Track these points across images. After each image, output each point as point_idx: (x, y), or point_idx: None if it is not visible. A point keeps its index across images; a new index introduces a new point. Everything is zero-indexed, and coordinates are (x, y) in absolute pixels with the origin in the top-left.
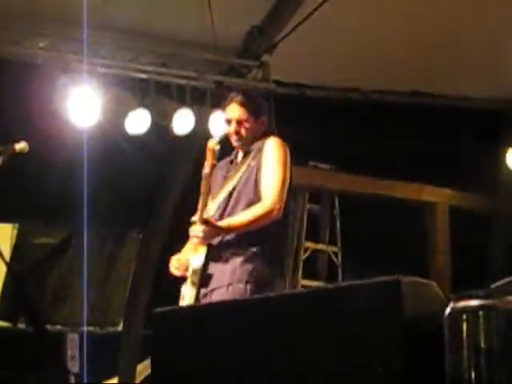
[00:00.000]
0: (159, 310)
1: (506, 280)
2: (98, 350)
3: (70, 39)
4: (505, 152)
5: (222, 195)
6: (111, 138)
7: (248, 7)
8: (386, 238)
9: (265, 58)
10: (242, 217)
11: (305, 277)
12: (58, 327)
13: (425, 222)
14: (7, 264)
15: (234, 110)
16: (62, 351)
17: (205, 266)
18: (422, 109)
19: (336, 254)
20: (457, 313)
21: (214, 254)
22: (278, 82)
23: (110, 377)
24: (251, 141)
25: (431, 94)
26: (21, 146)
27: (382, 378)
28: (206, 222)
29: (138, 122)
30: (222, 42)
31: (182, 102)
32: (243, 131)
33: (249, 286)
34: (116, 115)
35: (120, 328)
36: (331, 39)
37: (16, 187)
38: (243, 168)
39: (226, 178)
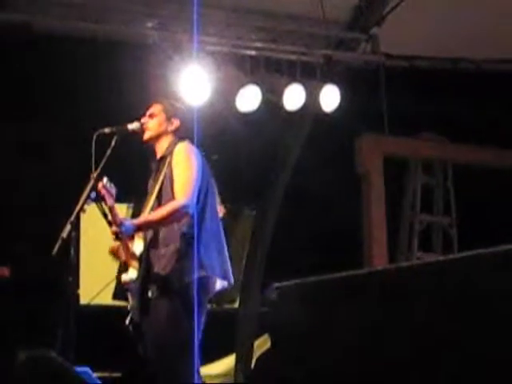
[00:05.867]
0: (275, 285)
1: None
2: (215, 327)
3: (180, 18)
4: None
5: (151, 202)
6: (222, 115)
7: None
8: (501, 207)
9: (374, 30)
10: (155, 213)
11: (420, 249)
12: None
13: None
14: None
15: (152, 107)
16: None
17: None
18: None
19: (451, 226)
20: None
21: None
22: (387, 55)
23: (227, 353)
24: (157, 138)
25: None
26: (134, 126)
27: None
28: (120, 223)
29: (249, 99)
30: (330, 16)
31: (292, 78)
32: (150, 124)
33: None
34: (227, 93)
35: (236, 305)
36: (439, 9)
37: (130, 167)
38: (161, 177)
39: (151, 186)
